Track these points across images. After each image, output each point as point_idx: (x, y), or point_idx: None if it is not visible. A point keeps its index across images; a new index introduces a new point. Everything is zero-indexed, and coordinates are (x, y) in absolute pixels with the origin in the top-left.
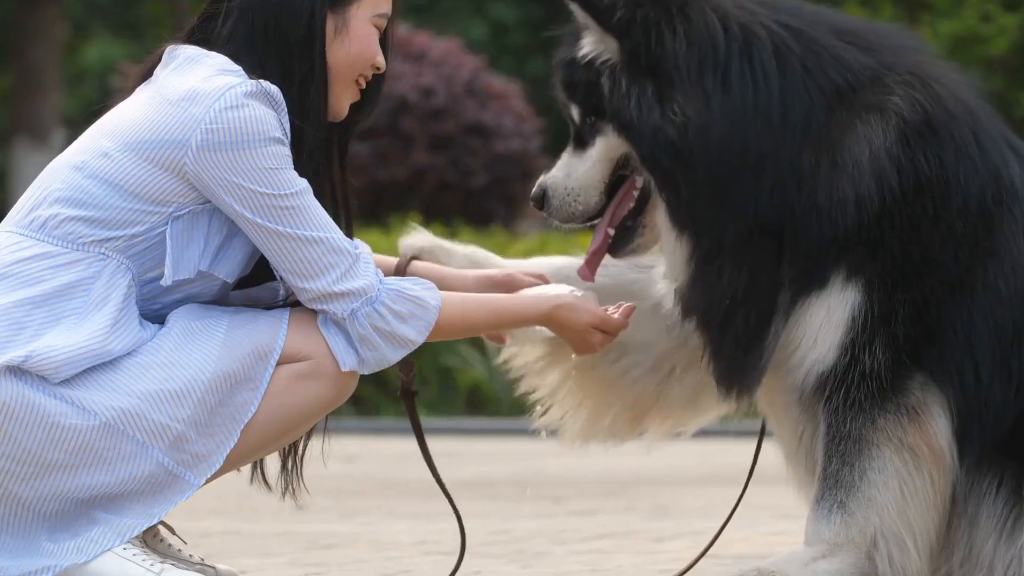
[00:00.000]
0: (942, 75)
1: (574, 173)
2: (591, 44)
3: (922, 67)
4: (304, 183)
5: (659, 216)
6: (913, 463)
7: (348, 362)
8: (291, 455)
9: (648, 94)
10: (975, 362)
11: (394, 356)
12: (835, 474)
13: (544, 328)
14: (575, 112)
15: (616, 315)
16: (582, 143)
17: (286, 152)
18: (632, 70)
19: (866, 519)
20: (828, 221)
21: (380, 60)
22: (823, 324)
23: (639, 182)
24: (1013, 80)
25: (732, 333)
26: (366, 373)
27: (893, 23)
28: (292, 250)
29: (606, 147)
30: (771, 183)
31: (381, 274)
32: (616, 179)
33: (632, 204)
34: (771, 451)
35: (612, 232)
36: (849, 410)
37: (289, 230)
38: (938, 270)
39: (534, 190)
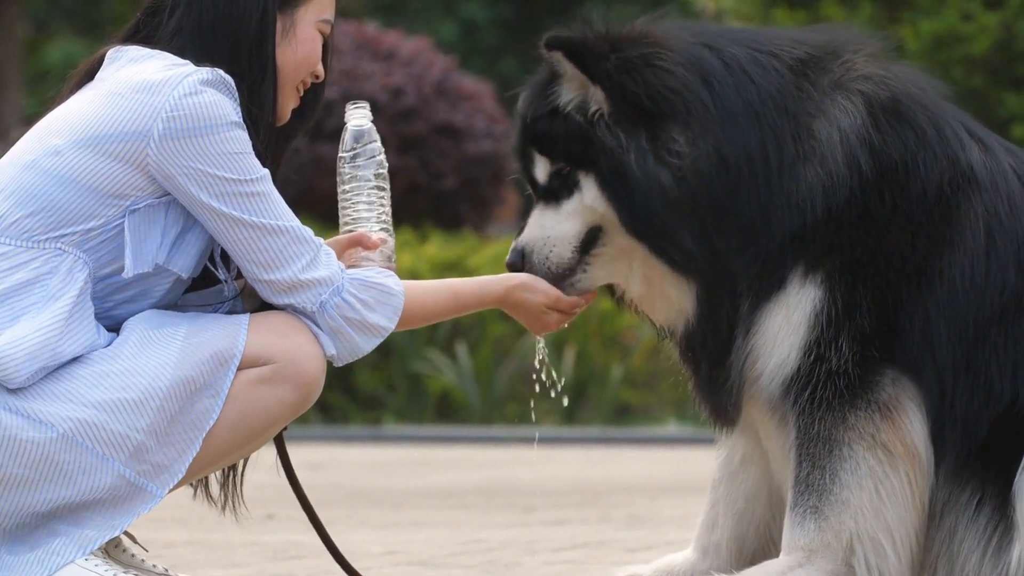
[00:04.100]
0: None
1: (548, 224)
2: (571, 93)
3: (876, 50)
4: (265, 171)
5: (656, 274)
6: (888, 462)
7: (329, 348)
8: (230, 467)
9: (643, 143)
10: (935, 359)
11: (367, 345)
12: (806, 478)
13: None
14: (542, 167)
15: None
16: (553, 196)
17: (247, 137)
18: (627, 118)
19: (840, 523)
20: (796, 213)
21: (320, 68)
22: (782, 326)
23: None
24: (995, 79)
25: (705, 353)
26: (339, 365)
27: (872, 21)
28: (257, 239)
29: (585, 200)
30: (764, 184)
31: (342, 265)
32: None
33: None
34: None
35: None
36: (817, 410)
37: (254, 219)
38: (895, 260)
39: (510, 257)
